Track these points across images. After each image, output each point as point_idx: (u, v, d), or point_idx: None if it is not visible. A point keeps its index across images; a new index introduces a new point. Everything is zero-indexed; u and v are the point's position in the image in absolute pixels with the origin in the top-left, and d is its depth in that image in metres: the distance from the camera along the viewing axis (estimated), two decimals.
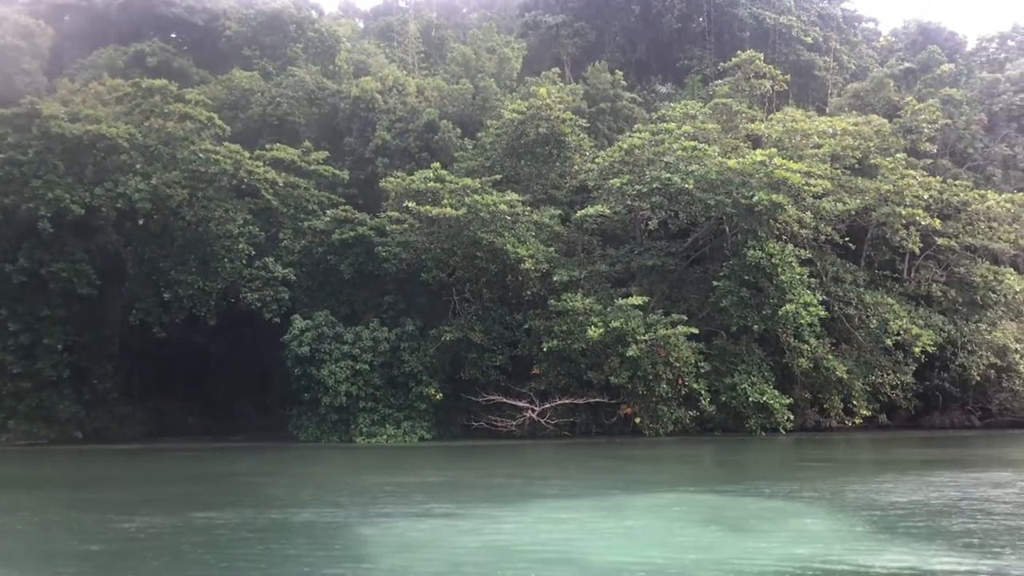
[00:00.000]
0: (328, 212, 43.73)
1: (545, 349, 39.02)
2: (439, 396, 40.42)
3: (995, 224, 46.31)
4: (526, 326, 40.92)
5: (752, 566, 12.47)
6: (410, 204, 40.23)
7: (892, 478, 23.46)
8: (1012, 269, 47.82)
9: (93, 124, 40.70)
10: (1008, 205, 45.56)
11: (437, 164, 43.14)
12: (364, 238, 42.36)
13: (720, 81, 55.80)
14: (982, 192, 47.00)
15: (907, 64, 61.00)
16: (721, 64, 56.89)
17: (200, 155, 41.32)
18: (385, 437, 39.90)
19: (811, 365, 41.99)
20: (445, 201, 40.58)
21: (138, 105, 42.86)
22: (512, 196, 41.39)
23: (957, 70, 59.65)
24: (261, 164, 43.46)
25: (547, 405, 39.18)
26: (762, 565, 12.52)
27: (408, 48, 66.21)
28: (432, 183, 41.74)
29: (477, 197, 40.34)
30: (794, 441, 38.85)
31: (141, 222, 40.89)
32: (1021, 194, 47.56)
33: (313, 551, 14.16)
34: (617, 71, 58.34)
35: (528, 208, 42.57)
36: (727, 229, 43.87)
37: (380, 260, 41.79)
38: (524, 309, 41.77)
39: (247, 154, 43.25)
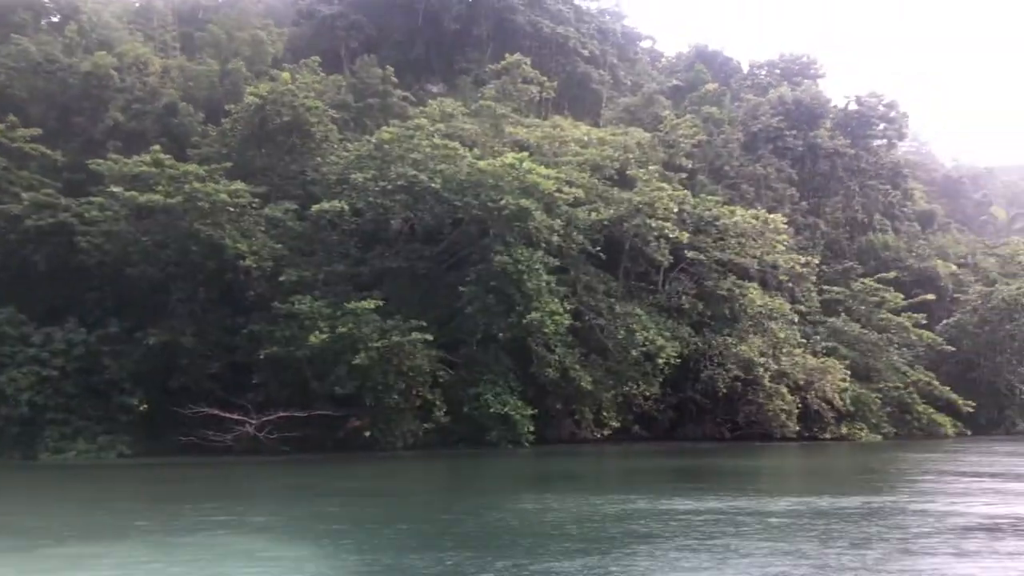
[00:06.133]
0: (25, 195, 38.10)
1: (263, 356, 35.39)
2: (143, 407, 35.87)
3: (743, 239, 47.04)
4: (246, 330, 37.07)
5: None
6: (116, 189, 35.60)
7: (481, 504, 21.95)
8: (757, 284, 48.71)
9: None
10: (753, 221, 46.36)
11: (157, 147, 38.65)
12: (65, 226, 37.17)
13: (490, 85, 54.31)
14: (732, 208, 47.71)
15: (676, 81, 62.11)
16: (490, 66, 55.49)
17: None
18: (76, 453, 34.93)
19: (559, 375, 40.71)
20: (160, 188, 36.24)
21: None
22: (239, 186, 37.57)
23: (721, 91, 61.20)
24: None
25: (265, 418, 35.50)
26: None
27: (167, 27, 60.81)
28: (149, 167, 37.28)
29: (198, 185, 36.27)
30: (529, 454, 37.35)
31: None
32: (765, 211, 48.67)
33: None
34: (388, 67, 55.62)
35: (258, 200, 38.83)
36: (491, 232, 42.03)
37: (81, 252, 36.76)
38: (248, 311, 37.92)
39: None
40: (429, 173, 39.74)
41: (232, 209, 36.71)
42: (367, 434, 36.62)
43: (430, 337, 36.94)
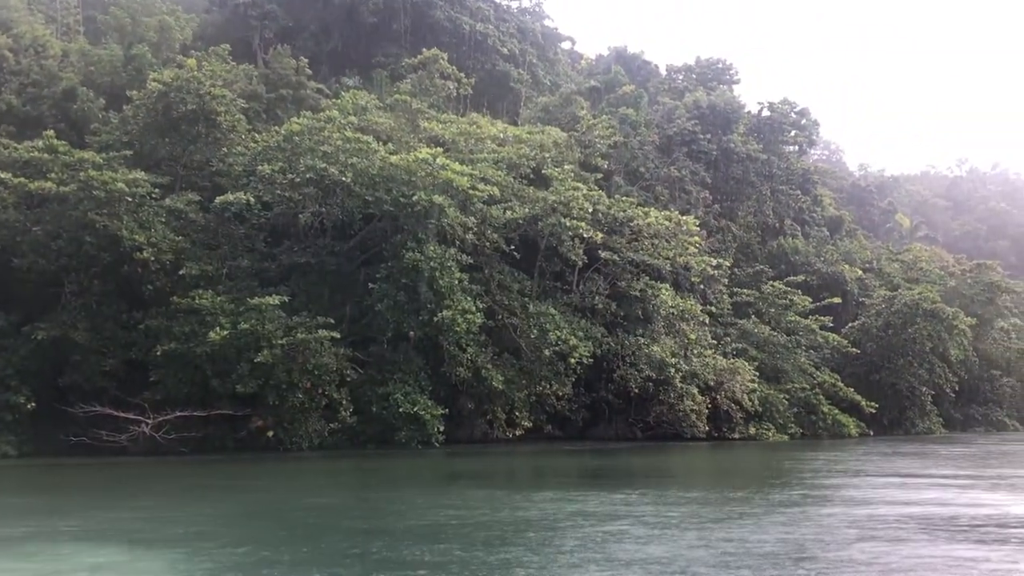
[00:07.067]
0: None
1: (160, 353, 33.98)
2: (31, 406, 34.00)
3: (657, 241, 47.32)
4: (143, 326, 35.54)
5: None
6: (4, 175, 33.74)
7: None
8: (670, 285, 49.06)
9: None
10: (667, 223, 46.65)
11: (50, 132, 36.85)
12: None
13: (407, 79, 53.54)
14: (646, 209, 47.96)
15: (593, 83, 62.35)
16: (407, 61, 54.74)
17: None
18: None
19: (471, 374, 40.20)
20: (53, 175, 34.49)
21: None
22: (138, 175, 36.02)
23: (638, 94, 61.62)
24: None
25: (162, 418, 34.06)
26: None
27: (70, 10, 58.29)
28: (41, 153, 35.45)
29: (94, 173, 34.62)
30: (439, 455, 36.81)
31: None
32: (679, 213, 49.06)
33: None
34: (302, 58, 54.33)
35: (159, 191, 37.31)
36: (403, 229, 41.26)
37: None
38: (146, 306, 36.38)
39: None
40: (340, 166, 38.81)
41: (130, 199, 35.15)
42: (270, 434, 35.51)
43: (337, 335, 36.06)
